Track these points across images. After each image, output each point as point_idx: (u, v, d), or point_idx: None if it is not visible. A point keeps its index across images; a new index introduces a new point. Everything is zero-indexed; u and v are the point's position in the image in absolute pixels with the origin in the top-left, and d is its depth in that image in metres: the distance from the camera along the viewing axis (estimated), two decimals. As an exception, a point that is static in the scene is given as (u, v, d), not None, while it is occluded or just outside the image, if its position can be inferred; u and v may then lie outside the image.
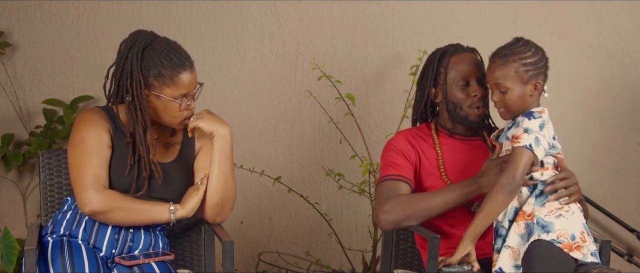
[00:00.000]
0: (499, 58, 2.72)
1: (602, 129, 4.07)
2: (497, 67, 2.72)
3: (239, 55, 4.03)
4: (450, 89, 2.93)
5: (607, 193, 4.04)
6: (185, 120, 2.78)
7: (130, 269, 2.73)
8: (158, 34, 2.78)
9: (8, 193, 4.01)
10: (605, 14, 4.00)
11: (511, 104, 2.72)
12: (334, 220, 4.10)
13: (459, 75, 2.91)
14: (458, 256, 2.70)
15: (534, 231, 2.64)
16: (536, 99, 2.74)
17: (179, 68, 2.69)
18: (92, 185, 2.69)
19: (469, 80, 2.91)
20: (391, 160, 2.96)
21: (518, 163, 2.65)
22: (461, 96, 2.91)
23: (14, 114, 3.97)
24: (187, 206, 2.79)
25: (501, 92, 2.73)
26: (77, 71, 3.98)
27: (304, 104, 4.06)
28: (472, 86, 2.91)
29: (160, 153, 2.84)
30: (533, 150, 2.64)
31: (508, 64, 2.70)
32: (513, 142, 2.67)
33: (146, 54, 2.70)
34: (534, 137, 2.65)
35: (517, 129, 2.69)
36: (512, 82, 2.70)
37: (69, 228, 2.77)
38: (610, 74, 4.02)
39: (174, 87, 2.70)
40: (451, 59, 2.94)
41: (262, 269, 4.13)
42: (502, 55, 2.72)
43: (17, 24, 3.95)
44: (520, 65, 2.69)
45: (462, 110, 2.93)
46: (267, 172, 4.01)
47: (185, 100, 2.73)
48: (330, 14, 4.02)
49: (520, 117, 2.71)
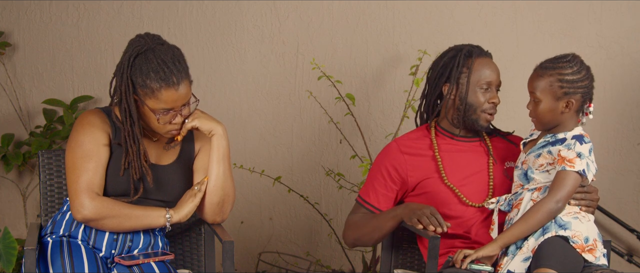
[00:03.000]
0: (539, 69, 2.76)
1: (602, 129, 4.07)
2: (535, 76, 2.76)
3: (239, 55, 4.03)
4: (472, 90, 2.93)
5: (607, 193, 4.03)
6: (170, 133, 2.75)
7: (129, 269, 2.73)
8: (164, 41, 2.73)
9: (8, 193, 4.01)
10: (605, 14, 4.00)
11: (541, 116, 2.76)
12: (334, 220, 4.10)
13: (484, 79, 2.93)
14: (483, 253, 2.71)
15: (550, 228, 2.67)
16: (571, 118, 2.77)
17: (163, 83, 2.63)
18: (85, 191, 2.68)
19: (490, 85, 2.94)
20: (373, 180, 3.03)
21: (569, 188, 2.70)
22: (481, 99, 2.93)
23: (14, 114, 3.97)
24: (181, 211, 2.78)
25: (534, 101, 2.77)
26: (77, 71, 3.98)
27: (304, 104, 4.06)
28: (491, 92, 2.94)
29: (159, 155, 2.84)
30: (586, 175, 2.70)
31: (545, 76, 2.74)
32: (565, 164, 2.69)
33: (137, 60, 2.66)
34: (586, 163, 2.70)
35: (569, 152, 2.71)
36: (544, 95, 2.74)
37: (69, 228, 2.77)
38: (610, 74, 4.02)
39: (154, 100, 2.66)
40: (477, 60, 2.94)
41: (262, 269, 4.13)
42: (543, 66, 2.75)
43: (17, 24, 3.95)
44: (556, 80, 2.72)
45: (475, 113, 2.94)
46: (267, 172, 4.01)
47: (164, 115, 2.69)
48: (330, 14, 4.02)
49: (571, 140, 2.73)
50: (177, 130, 2.75)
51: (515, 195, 2.82)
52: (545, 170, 2.76)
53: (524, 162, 2.83)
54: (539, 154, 2.77)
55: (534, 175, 2.78)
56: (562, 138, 2.75)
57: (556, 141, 2.76)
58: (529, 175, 2.79)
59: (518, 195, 2.81)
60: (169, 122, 2.71)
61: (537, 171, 2.77)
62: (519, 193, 2.81)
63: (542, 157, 2.76)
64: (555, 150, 2.73)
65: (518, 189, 2.83)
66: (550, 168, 2.75)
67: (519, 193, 2.81)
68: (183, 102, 2.69)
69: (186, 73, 2.69)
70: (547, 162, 2.75)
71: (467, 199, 2.91)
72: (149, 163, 2.77)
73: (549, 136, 2.79)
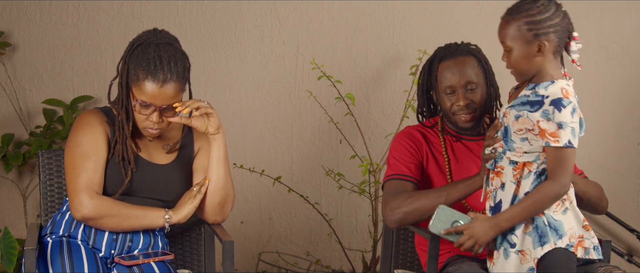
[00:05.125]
0: (506, 15, 2.55)
1: (602, 129, 4.07)
2: (503, 24, 2.55)
3: (239, 55, 4.03)
4: (441, 97, 2.91)
5: (607, 193, 4.02)
6: (147, 131, 2.74)
7: (129, 269, 2.73)
8: (174, 43, 2.73)
9: (8, 193, 4.01)
10: (605, 14, 4.00)
11: (517, 65, 2.56)
12: (334, 220, 4.10)
13: (445, 83, 2.88)
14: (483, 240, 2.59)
15: (547, 236, 2.55)
16: (550, 62, 2.55)
17: (149, 75, 2.64)
18: (84, 190, 2.68)
19: (454, 89, 2.87)
20: (397, 157, 2.94)
21: (566, 167, 2.50)
22: (447, 104, 2.89)
23: (14, 114, 3.97)
24: (180, 212, 2.78)
25: (507, 52, 2.56)
26: (77, 71, 3.98)
27: (304, 104, 4.06)
28: (456, 95, 2.87)
29: (159, 154, 2.84)
30: (573, 145, 2.49)
31: (512, 22, 2.52)
32: (547, 139, 2.50)
33: (139, 48, 2.69)
34: (570, 130, 2.49)
35: (549, 123, 2.49)
36: (515, 42, 2.53)
37: (69, 229, 2.77)
38: (610, 74, 4.02)
39: (137, 89, 2.66)
40: (440, 65, 2.90)
41: (262, 269, 4.13)
42: (510, 12, 2.54)
43: (17, 24, 3.95)
44: (523, 24, 2.51)
45: (452, 117, 2.91)
46: (267, 172, 4.01)
47: (142, 108, 2.68)
48: (330, 14, 4.02)
49: (549, 106, 2.49)
50: (155, 130, 2.73)
51: (499, 157, 2.63)
52: (524, 137, 2.55)
53: (505, 114, 2.61)
54: (518, 116, 2.55)
55: (513, 139, 2.57)
56: (540, 100, 2.51)
57: (535, 101, 2.52)
58: (508, 134, 2.58)
59: (500, 158, 2.62)
60: (146, 117, 2.70)
61: (515, 134, 2.56)
62: (500, 156, 2.62)
63: (521, 120, 2.54)
64: (534, 117, 2.51)
65: (499, 148, 2.63)
66: (531, 136, 2.54)
67: (500, 156, 2.62)
68: (165, 102, 2.67)
69: (178, 76, 2.67)
70: (526, 127, 2.53)
71: (469, 207, 2.90)
72: (138, 152, 2.77)
73: (530, 88, 2.56)
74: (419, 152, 2.94)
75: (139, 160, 2.78)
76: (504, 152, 2.62)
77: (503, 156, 2.62)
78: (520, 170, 2.59)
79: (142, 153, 2.80)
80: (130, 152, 2.74)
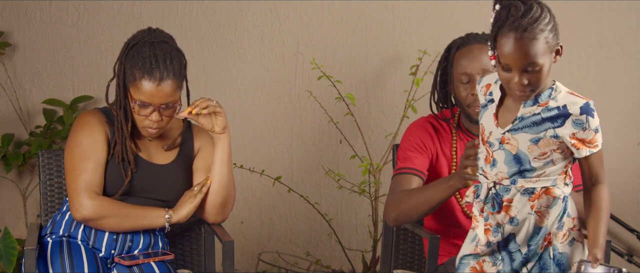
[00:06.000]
0: (525, 33, 2.19)
1: (602, 129, 4.06)
2: (526, 45, 2.20)
3: (239, 55, 4.03)
4: (456, 86, 2.79)
5: (607, 194, 4.03)
6: (146, 130, 2.74)
7: (129, 269, 2.73)
8: (169, 41, 2.73)
9: (8, 193, 4.01)
10: (605, 14, 4.00)
11: (543, 81, 2.26)
12: (334, 220, 4.10)
13: (460, 71, 2.76)
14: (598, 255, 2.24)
15: (547, 265, 2.32)
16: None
17: (145, 74, 2.64)
18: (84, 190, 2.68)
19: (470, 76, 2.74)
20: (405, 151, 2.85)
21: (603, 165, 2.32)
22: (463, 94, 2.76)
23: (14, 114, 3.97)
24: (180, 212, 2.78)
25: (535, 72, 2.23)
26: (77, 71, 3.98)
27: (304, 104, 4.06)
28: (472, 83, 2.73)
29: (159, 154, 2.84)
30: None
31: (539, 36, 2.21)
32: (587, 147, 2.28)
33: (134, 48, 2.69)
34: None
35: (586, 132, 2.27)
36: (544, 57, 2.23)
37: (69, 229, 2.77)
38: (610, 75, 4.02)
39: (135, 89, 2.67)
40: (457, 52, 2.79)
41: (262, 269, 4.13)
42: (527, 29, 2.20)
43: (17, 24, 3.95)
44: (547, 33, 2.22)
45: (467, 109, 2.78)
46: (267, 172, 4.01)
47: (141, 108, 2.69)
48: (330, 14, 4.02)
49: (580, 116, 2.27)
50: (155, 130, 2.73)
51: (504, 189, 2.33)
52: (549, 160, 2.28)
53: (505, 141, 2.31)
54: (538, 139, 2.27)
55: (534, 165, 2.29)
56: (561, 113, 2.26)
57: (554, 116, 2.27)
58: (523, 162, 2.29)
59: (506, 191, 2.32)
60: (145, 117, 2.70)
61: (536, 160, 2.28)
62: (506, 188, 2.32)
63: (544, 143, 2.27)
64: (565, 132, 2.26)
65: (503, 181, 2.32)
66: (556, 156, 2.28)
67: (506, 188, 2.32)
68: (162, 100, 2.67)
69: (175, 75, 2.67)
70: (550, 148, 2.27)
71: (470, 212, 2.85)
72: (138, 152, 2.77)
73: (530, 104, 2.29)
74: (429, 147, 2.85)
75: (139, 160, 2.78)
76: (513, 183, 2.33)
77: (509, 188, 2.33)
78: (538, 199, 2.32)
79: (142, 153, 2.80)
80: (130, 152, 2.74)
